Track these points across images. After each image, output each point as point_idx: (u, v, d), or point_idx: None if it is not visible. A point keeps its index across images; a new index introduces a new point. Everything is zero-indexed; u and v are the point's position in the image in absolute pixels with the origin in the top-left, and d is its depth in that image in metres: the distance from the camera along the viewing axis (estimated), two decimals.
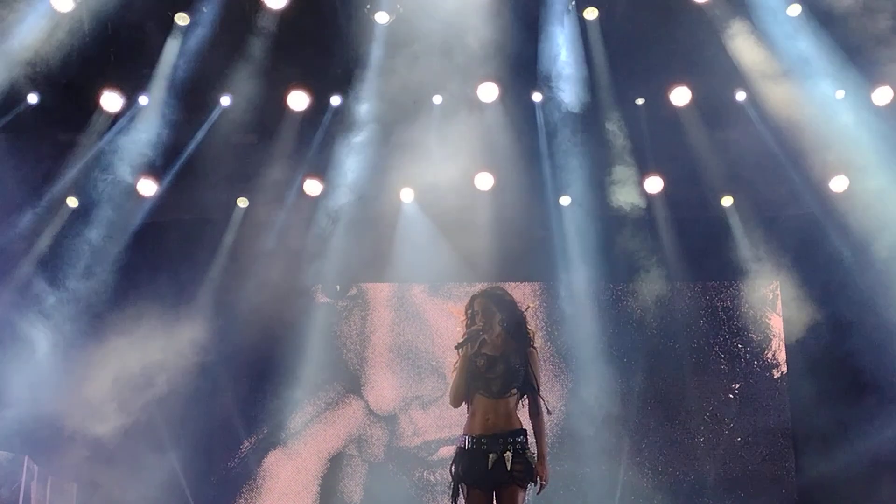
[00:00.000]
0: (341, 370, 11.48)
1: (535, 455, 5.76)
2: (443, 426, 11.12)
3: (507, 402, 5.74)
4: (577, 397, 11.04)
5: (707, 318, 11.40)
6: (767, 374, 11.23)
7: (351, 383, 11.45)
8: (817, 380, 10.76)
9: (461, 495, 5.74)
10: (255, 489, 11.17)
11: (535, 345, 5.97)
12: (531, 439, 5.81)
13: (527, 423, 5.89)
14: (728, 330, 11.36)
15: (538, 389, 5.85)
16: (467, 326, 5.94)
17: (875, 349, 10.48)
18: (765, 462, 11.00)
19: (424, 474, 11.14)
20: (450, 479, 5.83)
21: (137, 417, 10.62)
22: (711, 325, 11.39)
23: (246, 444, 11.27)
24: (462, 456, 5.73)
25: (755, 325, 11.28)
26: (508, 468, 5.62)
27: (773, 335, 11.25)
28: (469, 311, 5.95)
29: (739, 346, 11.32)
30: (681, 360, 11.23)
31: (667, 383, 11.22)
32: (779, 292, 11.19)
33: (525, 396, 5.89)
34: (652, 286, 11.26)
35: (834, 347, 10.77)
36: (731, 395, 11.20)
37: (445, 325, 11.13)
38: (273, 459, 11.27)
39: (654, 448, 11.08)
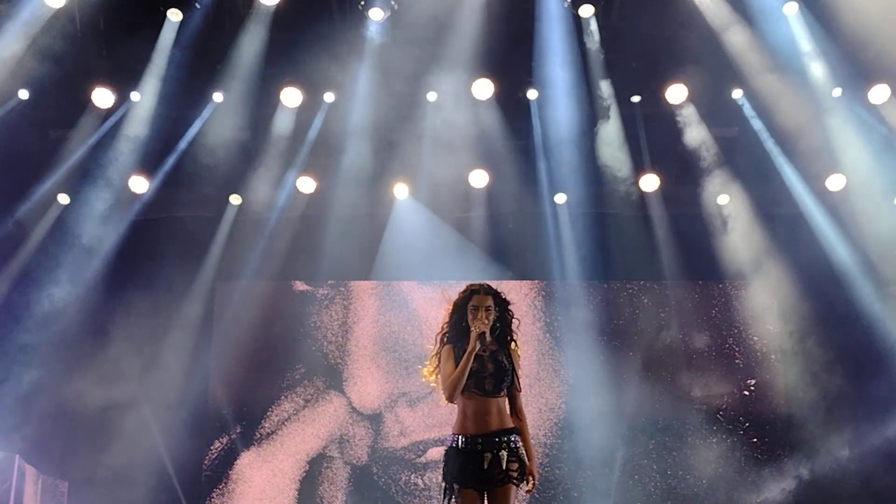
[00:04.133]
0: (321, 364, 11.22)
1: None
2: (432, 425, 10.92)
3: (499, 400, 5.68)
4: (577, 395, 10.96)
5: (710, 318, 11.28)
6: (776, 370, 11.13)
7: (331, 378, 11.19)
8: (815, 376, 10.74)
9: (453, 496, 5.67)
10: (227, 493, 10.91)
11: (516, 345, 5.90)
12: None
13: None
14: (740, 325, 11.22)
15: (519, 388, 5.78)
16: (451, 315, 5.85)
17: (873, 346, 10.48)
18: (765, 458, 10.92)
19: (412, 478, 10.91)
20: (440, 479, 5.76)
21: (128, 415, 10.61)
22: (720, 321, 11.26)
23: (217, 444, 11.04)
24: (456, 456, 5.64)
25: (759, 322, 11.19)
26: (504, 467, 5.55)
27: (774, 333, 11.16)
28: (458, 301, 5.87)
29: (755, 338, 11.18)
30: (687, 356, 11.14)
31: (672, 379, 11.10)
32: (776, 290, 11.12)
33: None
34: (647, 284, 11.25)
35: (831, 345, 10.75)
36: (745, 392, 11.10)
37: (435, 316, 10.89)
38: (246, 461, 10.98)
39: (659, 447, 10.96)
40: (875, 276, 10.47)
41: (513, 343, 5.88)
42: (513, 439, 5.63)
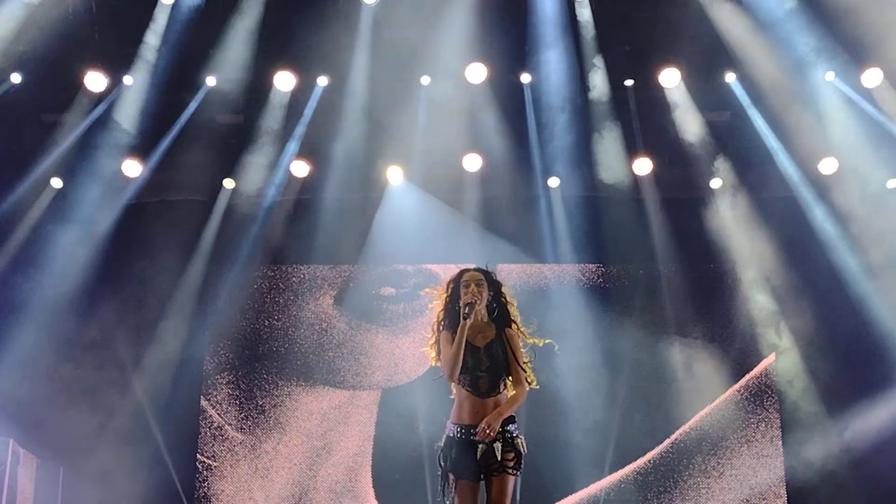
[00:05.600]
0: (316, 349, 11.22)
1: (524, 442, 5.70)
2: (433, 408, 10.78)
3: (495, 399, 5.67)
4: (569, 377, 10.96)
5: (703, 302, 11.29)
6: (768, 354, 11.11)
7: (327, 363, 11.18)
8: (807, 361, 10.80)
9: (450, 485, 5.68)
10: (222, 479, 10.86)
11: (517, 327, 5.86)
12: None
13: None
14: (732, 308, 11.19)
15: (522, 369, 5.74)
16: (446, 301, 5.81)
17: (866, 330, 10.53)
18: (755, 458, 10.96)
19: (414, 462, 10.68)
20: (438, 468, 5.77)
21: (123, 399, 10.62)
22: (712, 304, 11.24)
23: (212, 429, 10.96)
24: (451, 446, 5.66)
25: (751, 305, 11.20)
26: (499, 458, 5.56)
27: (766, 316, 11.17)
28: (451, 285, 5.83)
29: (747, 322, 11.13)
30: (679, 339, 11.16)
31: (665, 362, 11.10)
32: (768, 273, 11.15)
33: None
34: (640, 268, 11.27)
35: (823, 329, 10.80)
36: (738, 377, 11.06)
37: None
38: (241, 448, 10.94)
39: (650, 429, 10.96)
40: (867, 260, 10.50)
41: (514, 325, 5.85)
42: (508, 429, 5.62)
